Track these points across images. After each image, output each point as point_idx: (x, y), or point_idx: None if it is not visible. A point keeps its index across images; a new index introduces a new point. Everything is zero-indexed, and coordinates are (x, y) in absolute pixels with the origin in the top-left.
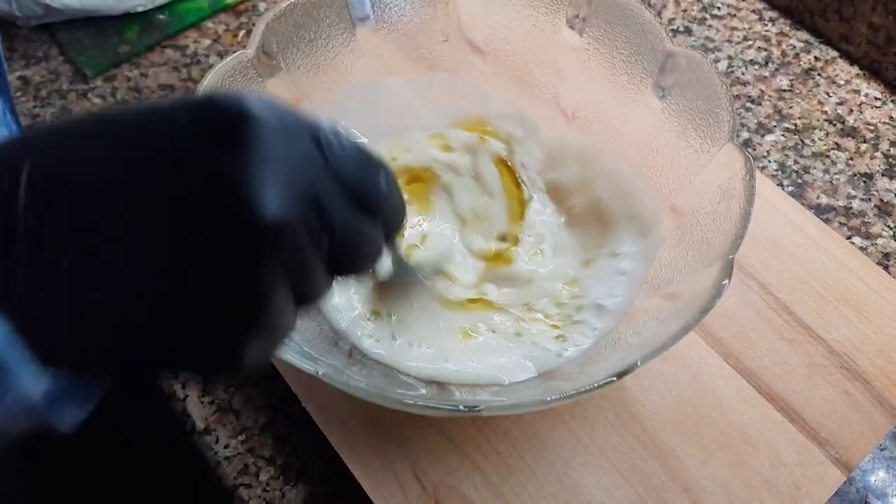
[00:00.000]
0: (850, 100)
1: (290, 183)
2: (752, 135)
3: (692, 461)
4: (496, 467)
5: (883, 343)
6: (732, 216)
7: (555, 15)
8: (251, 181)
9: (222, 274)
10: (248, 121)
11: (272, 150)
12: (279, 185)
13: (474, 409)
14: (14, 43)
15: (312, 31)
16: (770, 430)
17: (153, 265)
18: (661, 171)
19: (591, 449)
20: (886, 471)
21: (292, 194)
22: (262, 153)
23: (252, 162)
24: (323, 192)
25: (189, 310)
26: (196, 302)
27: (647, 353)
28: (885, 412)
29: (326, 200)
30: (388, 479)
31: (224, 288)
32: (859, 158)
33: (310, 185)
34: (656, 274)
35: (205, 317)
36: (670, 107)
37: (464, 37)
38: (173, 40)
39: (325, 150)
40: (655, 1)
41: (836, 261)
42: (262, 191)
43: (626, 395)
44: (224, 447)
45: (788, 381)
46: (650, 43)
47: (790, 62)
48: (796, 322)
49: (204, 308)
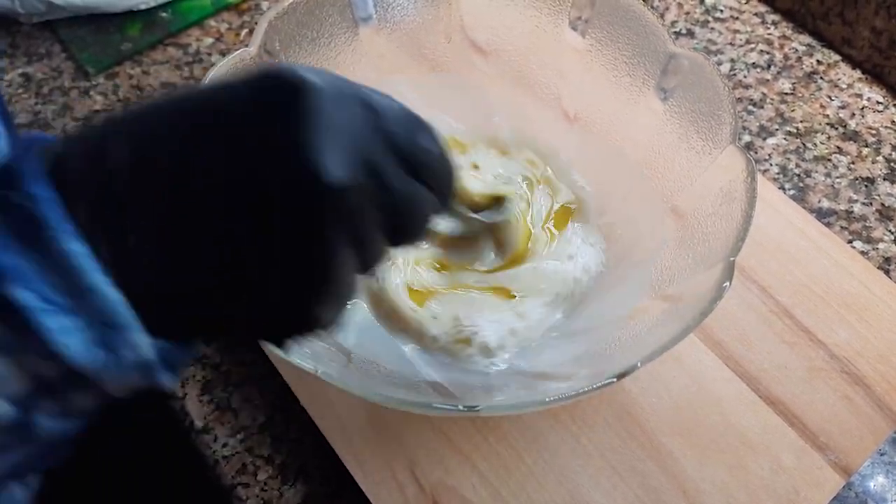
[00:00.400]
0: (853, 104)
1: (350, 149)
2: (753, 138)
3: (691, 464)
4: (495, 468)
5: (883, 347)
6: (734, 218)
7: (557, 16)
8: (315, 146)
9: (293, 237)
10: (305, 90)
11: (330, 117)
12: (340, 150)
13: (473, 409)
14: (16, 40)
15: (315, 30)
16: (769, 434)
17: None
18: (662, 172)
19: (589, 450)
20: (886, 476)
21: (353, 160)
22: (321, 120)
23: (313, 128)
24: (378, 158)
25: (266, 274)
26: (272, 265)
27: (647, 354)
28: (886, 417)
29: (382, 166)
30: (386, 478)
31: (296, 250)
32: (861, 162)
33: (368, 151)
34: (657, 275)
35: (281, 280)
36: (672, 108)
37: (466, 37)
38: (176, 38)
39: (375, 115)
40: (658, 3)
41: (837, 265)
42: (326, 156)
43: (626, 396)
44: (222, 446)
45: (788, 385)
46: (653, 45)
47: (792, 65)
48: (797, 326)
49: (279, 271)
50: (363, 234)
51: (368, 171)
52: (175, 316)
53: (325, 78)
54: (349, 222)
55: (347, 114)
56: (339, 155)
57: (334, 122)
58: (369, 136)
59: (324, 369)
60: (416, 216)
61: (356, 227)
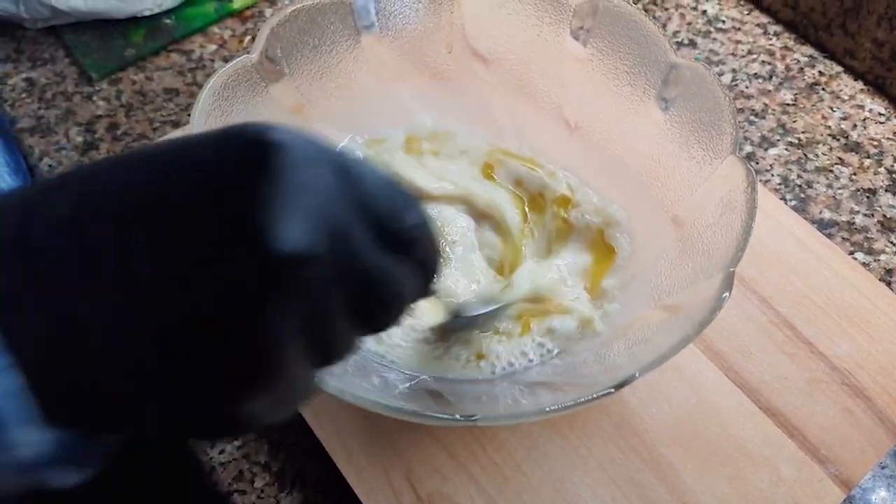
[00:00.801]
0: (854, 115)
1: (314, 215)
2: (755, 148)
3: (690, 475)
4: (492, 478)
5: (885, 360)
6: (734, 229)
7: (559, 25)
8: (270, 209)
9: (229, 317)
10: (272, 148)
11: (296, 179)
12: (301, 215)
13: (471, 419)
14: (21, 45)
15: (317, 38)
16: (769, 446)
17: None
18: (662, 182)
19: (588, 461)
20: (887, 490)
21: (315, 227)
22: (284, 182)
23: (273, 190)
24: (349, 229)
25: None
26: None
27: (646, 364)
28: (887, 430)
29: (352, 238)
30: (382, 486)
31: (230, 333)
32: (863, 174)
33: (336, 221)
34: (656, 285)
35: (207, 368)
36: (673, 118)
37: (468, 46)
38: (179, 44)
39: (351, 182)
40: (660, 14)
41: (838, 276)
42: (282, 220)
43: (625, 407)
44: (219, 452)
45: (789, 397)
46: (654, 54)
47: (794, 76)
48: (797, 337)
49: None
50: (322, 320)
51: (335, 243)
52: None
53: (298, 138)
54: (303, 302)
55: (318, 178)
56: (297, 222)
57: (299, 184)
58: (341, 204)
59: (319, 377)
60: (392, 298)
61: (313, 309)
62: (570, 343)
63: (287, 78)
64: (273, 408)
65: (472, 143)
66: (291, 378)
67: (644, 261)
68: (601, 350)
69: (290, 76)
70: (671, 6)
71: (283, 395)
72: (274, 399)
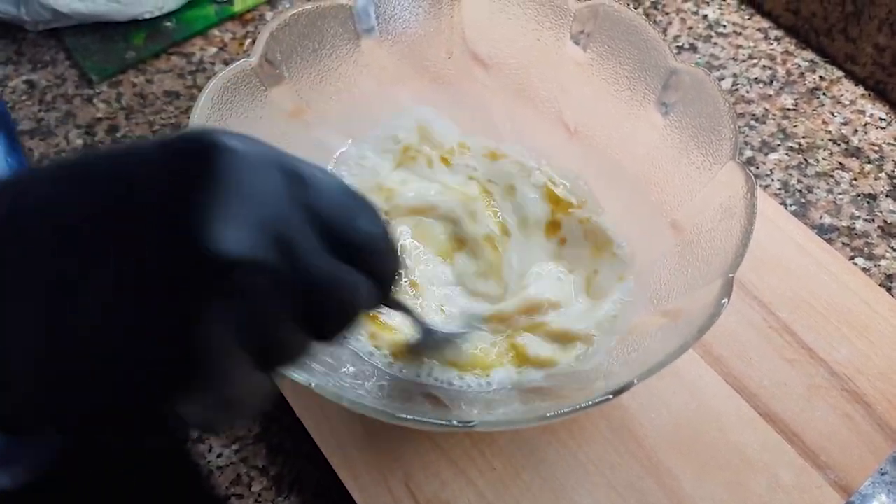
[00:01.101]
0: (855, 120)
1: (257, 220)
2: (755, 153)
3: (689, 481)
4: (491, 483)
5: (884, 366)
6: (733, 234)
7: (559, 30)
8: (210, 214)
9: (161, 317)
10: (218, 153)
11: (241, 184)
12: (243, 220)
13: (468, 425)
14: (21, 47)
15: (316, 42)
16: (769, 452)
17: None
18: (662, 187)
19: (587, 466)
20: (887, 495)
21: (257, 232)
22: (228, 186)
23: (215, 194)
24: (295, 234)
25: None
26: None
27: (645, 370)
28: (886, 436)
29: (297, 243)
30: (381, 492)
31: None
32: (863, 179)
33: (282, 226)
34: (655, 291)
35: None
36: (673, 123)
37: (468, 50)
38: (179, 47)
39: (302, 187)
40: (661, 18)
41: (838, 281)
42: (220, 224)
43: (624, 412)
44: (217, 456)
45: (788, 402)
46: (654, 59)
47: (795, 81)
48: (797, 342)
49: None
50: (264, 323)
51: (278, 248)
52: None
53: (245, 142)
54: (240, 306)
55: (265, 183)
56: (237, 226)
57: (243, 191)
58: (288, 209)
59: (318, 382)
60: (341, 306)
61: (252, 312)
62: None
63: (287, 81)
64: (222, 408)
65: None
66: (234, 379)
67: (643, 266)
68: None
69: (290, 80)
70: (672, 11)
71: (231, 397)
72: (217, 399)
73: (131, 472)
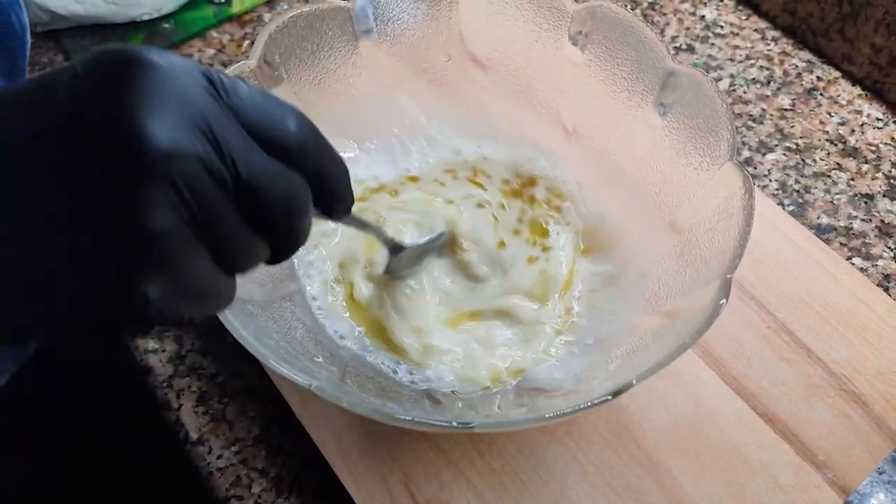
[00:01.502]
0: (852, 120)
1: (182, 115)
2: (753, 153)
3: (688, 481)
4: (490, 484)
5: (882, 366)
6: (731, 235)
7: (557, 31)
8: (138, 112)
9: (112, 211)
10: (137, 61)
11: (162, 85)
12: (168, 115)
13: (468, 426)
14: None
15: (315, 43)
16: (767, 452)
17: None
18: (660, 187)
19: (586, 467)
20: (885, 495)
21: (186, 125)
22: (150, 87)
23: (139, 94)
24: (223, 128)
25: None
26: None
27: (643, 371)
28: (884, 436)
29: (227, 136)
30: (380, 492)
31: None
32: (860, 179)
33: (204, 118)
34: (654, 291)
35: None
36: (671, 124)
37: (466, 51)
38: (178, 49)
39: (222, 91)
40: (659, 19)
41: (836, 281)
42: (149, 120)
43: (623, 413)
44: (217, 458)
45: (786, 402)
46: (652, 60)
47: (792, 81)
48: (795, 342)
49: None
50: (206, 213)
51: (211, 142)
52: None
53: (163, 54)
54: (182, 193)
55: (190, 85)
56: (164, 119)
57: (165, 89)
58: (209, 105)
59: (317, 384)
60: (282, 202)
61: (195, 201)
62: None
63: (285, 83)
64: (184, 296)
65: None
66: (192, 268)
67: (641, 267)
68: (598, 357)
69: (289, 81)
70: (669, 11)
71: (190, 286)
72: (177, 284)
73: (131, 473)
